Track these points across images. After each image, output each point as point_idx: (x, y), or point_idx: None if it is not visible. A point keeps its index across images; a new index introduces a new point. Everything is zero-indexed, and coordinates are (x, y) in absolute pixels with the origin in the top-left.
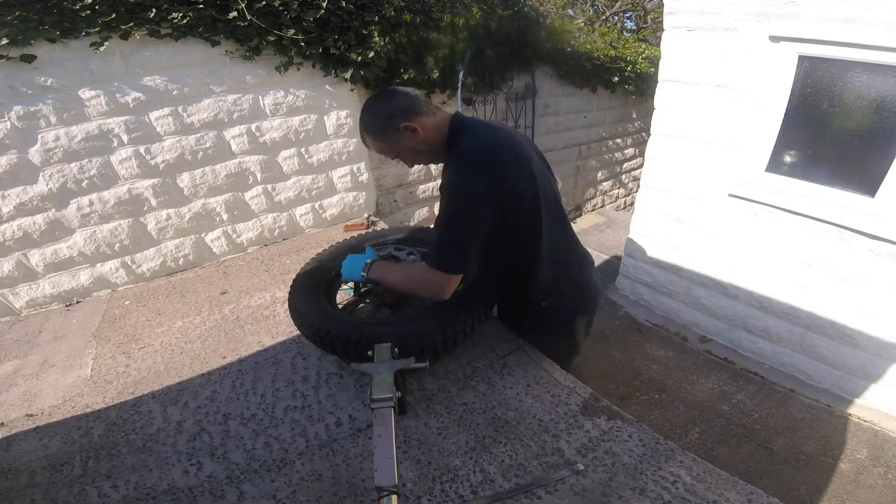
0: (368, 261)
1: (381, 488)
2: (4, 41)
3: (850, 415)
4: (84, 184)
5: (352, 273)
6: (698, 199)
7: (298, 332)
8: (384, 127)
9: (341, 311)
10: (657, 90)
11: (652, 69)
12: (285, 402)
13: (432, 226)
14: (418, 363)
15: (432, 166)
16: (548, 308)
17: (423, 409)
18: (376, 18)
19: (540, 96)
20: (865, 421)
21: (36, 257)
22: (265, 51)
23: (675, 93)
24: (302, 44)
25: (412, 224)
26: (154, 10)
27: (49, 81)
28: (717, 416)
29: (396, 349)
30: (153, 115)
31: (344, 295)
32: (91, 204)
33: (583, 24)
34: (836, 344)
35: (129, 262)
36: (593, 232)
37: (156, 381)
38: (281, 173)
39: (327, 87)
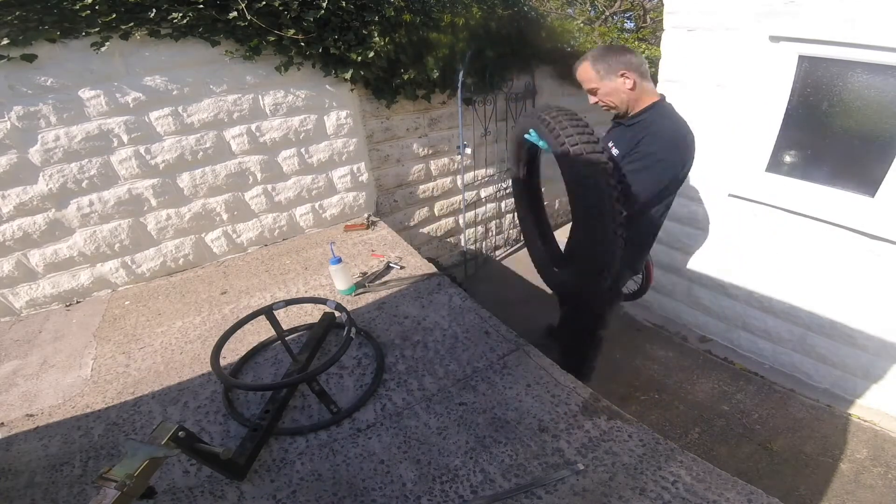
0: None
1: None
2: (4, 41)
3: (850, 415)
4: (84, 184)
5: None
6: (698, 199)
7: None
8: (607, 68)
9: None
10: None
11: (652, 69)
12: None
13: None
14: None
15: (432, 166)
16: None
17: (423, 408)
18: (376, 18)
19: (540, 96)
20: (865, 421)
21: (36, 257)
22: (265, 51)
23: (675, 93)
24: (302, 44)
25: (412, 224)
26: (154, 11)
27: (49, 81)
28: (717, 416)
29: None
30: (153, 115)
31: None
32: (91, 204)
33: (583, 24)
34: (836, 344)
35: (129, 262)
36: None
37: (156, 381)
38: (281, 173)
39: (327, 87)
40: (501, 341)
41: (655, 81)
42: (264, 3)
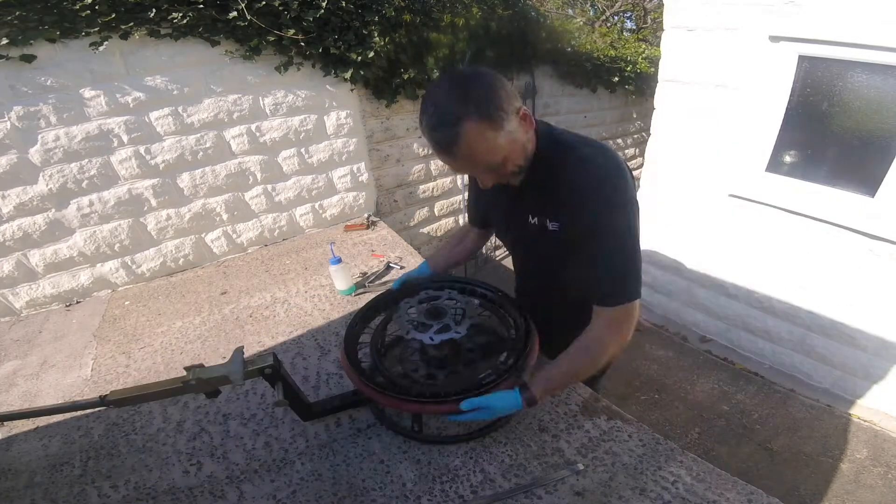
0: (524, 381)
1: None
2: (4, 41)
3: (850, 415)
4: (84, 184)
5: (497, 407)
6: (698, 200)
7: (298, 332)
8: (499, 111)
9: None
10: (657, 90)
11: (652, 69)
12: None
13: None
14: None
15: (432, 166)
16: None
17: None
18: (376, 18)
19: (540, 96)
20: (865, 421)
21: (36, 257)
22: (265, 51)
23: (675, 93)
24: (302, 44)
25: (412, 224)
26: (154, 10)
27: (49, 81)
28: (717, 416)
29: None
30: (153, 115)
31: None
32: (91, 204)
33: (583, 24)
34: (836, 344)
35: (129, 262)
36: None
37: (156, 381)
38: (281, 173)
39: (327, 87)
40: None
41: (656, 81)
42: (264, 3)
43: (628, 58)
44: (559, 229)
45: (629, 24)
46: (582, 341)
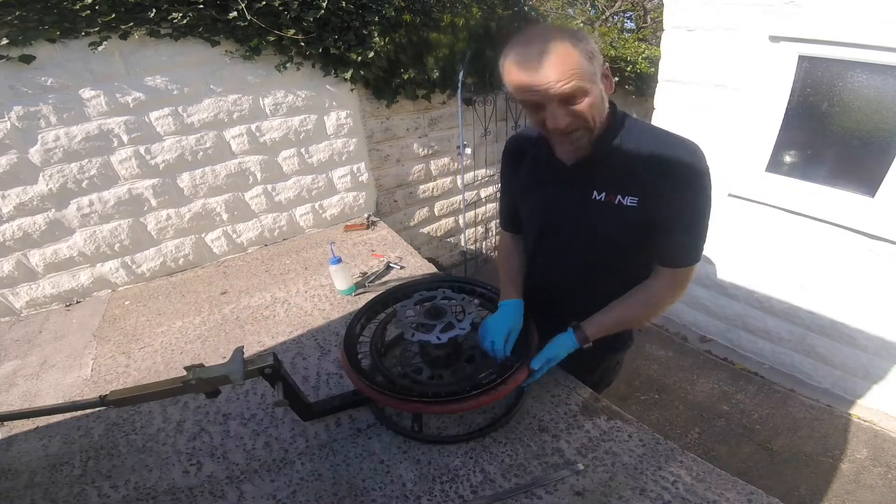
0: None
1: None
2: (4, 41)
3: (850, 415)
4: (84, 184)
5: (559, 352)
6: None
7: (298, 332)
8: (591, 52)
9: None
10: (657, 90)
11: (652, 69)
12: None
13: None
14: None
15: (432, 166)
16: None
17: None
18: (376, 18)
19: None
20: (865, 421)
21: (36, 257)
22: (265, 51)
23: (675, 93)
24: (302, 44)
25: (412, 224)
26: (154, 10)
27: (49, 81)
28: (717, 416)
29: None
30: (153, 115)
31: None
32: (91, 204)
33: (583, 24)
34: (836, 344)
35: (129, 262)
36: None
37: (156, 381)
38: (281, 173)
39: (327, 87)
40: None
41: (656, 81)
42: (264, 3)
43: (628, 58)
44: (637, 204)
45: (629, 24)
46: (641, 295)
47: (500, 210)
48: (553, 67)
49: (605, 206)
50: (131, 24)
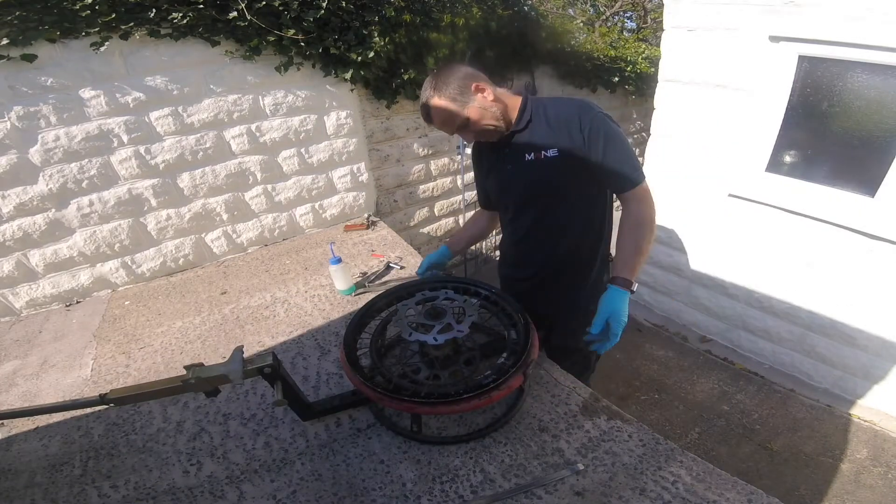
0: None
1: None
2: (4, 41)
3: (850, 415)
4: (84, 184)
5: (614, 306)
6: (698, 199)
7: (298, 332)
8: (459, 88)
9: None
10: (657, 90)
11: (652, 69)
12: None
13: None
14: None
15: (432, 166)
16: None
17: None
18: (376, 18)
19: (540, 96)
20: (865, 421)
21: (36, 257)
22: (265, 51)
23: (675, 93)
24: (302, 44)
25: (412, 224)
26: (154, 10)
27: (49, 81)
28: (717, 416)
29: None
30: (153, 115)
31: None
32: (91, 204)
33: (583, 24)
34: (836, 344)
35: (129, 262)
36: None
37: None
38: (281, 173)
39: (327, 87)
40: None
41: (656, 81)
42: (264, 3)
43: (628, 58)
44: (557, 153)
45: (629, 24)
46: (628, 222)
47: (477, 190)
48: (439, 124)
49: (537, 162)
50: (131, 24)
